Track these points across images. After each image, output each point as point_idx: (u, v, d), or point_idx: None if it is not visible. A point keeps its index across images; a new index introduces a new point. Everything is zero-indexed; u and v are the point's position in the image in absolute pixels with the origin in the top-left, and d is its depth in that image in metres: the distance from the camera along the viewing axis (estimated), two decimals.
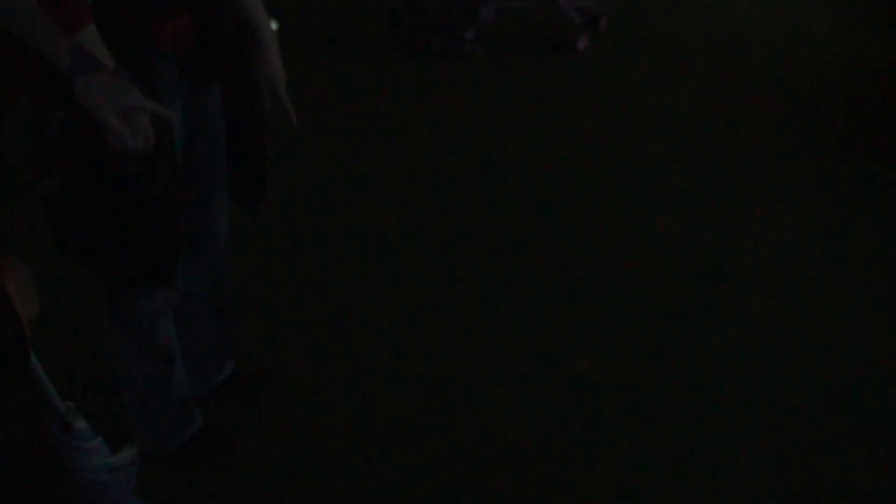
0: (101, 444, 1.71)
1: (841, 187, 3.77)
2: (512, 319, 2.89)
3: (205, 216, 2.14)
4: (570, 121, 4.36)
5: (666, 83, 4.77)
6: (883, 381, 2.66)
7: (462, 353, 2.73)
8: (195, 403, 2.30)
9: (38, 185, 1.82)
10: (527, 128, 4.28)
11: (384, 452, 2.34)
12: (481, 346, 2.77)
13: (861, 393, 2.62)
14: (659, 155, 4.03)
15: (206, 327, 2.34)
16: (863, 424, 2.51)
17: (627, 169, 3.91)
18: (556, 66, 4.96)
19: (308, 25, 5.23)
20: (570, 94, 4.64)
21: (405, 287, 3.03)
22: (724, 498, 2.26)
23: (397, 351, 2.72)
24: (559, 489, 2.27)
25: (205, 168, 2.04)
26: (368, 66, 4.90)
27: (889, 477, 2.34)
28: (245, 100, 2.05)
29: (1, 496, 2.17)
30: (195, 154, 1.99)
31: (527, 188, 3.74)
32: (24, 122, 1.77)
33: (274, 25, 2.05)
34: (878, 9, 5.70)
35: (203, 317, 2.31)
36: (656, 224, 3.46)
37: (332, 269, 3.11)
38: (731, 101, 4.60)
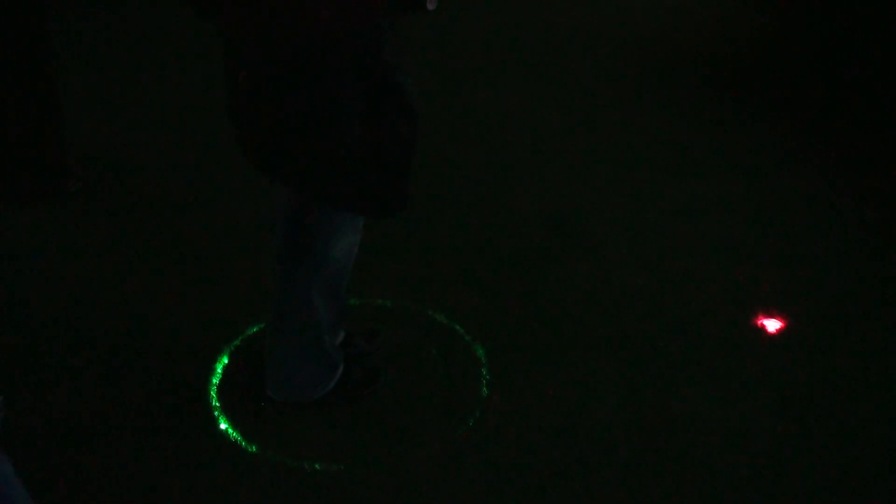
0: None
1: (679, 138, 4.00)
2: (369, 272, 2.93)
3: None
4: (421, 78, 4.48)
5: (512, 41, 5.00)
6: (722, 314, 2.92)
7: None
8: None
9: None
10: None
11: None
12: None
13: (702, 325, 2.86)
14: (504, 110, 4.21)
15: None
16: (707, 355, 2.74)
17: (476, 125, 4.07)
18: (408, 24, 5.16)
19: None
20: (421, 53, 4.67)
21: None
22: (584, 437, 2.44)
23: None
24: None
25: None
26: None
27: (731, 404, 2.57)
28: None
29: None
30: None
31: None
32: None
33: None
34: None
35: None
36: (507, 178, 3.67)
37: None
38: (574, 55, 4.83)
